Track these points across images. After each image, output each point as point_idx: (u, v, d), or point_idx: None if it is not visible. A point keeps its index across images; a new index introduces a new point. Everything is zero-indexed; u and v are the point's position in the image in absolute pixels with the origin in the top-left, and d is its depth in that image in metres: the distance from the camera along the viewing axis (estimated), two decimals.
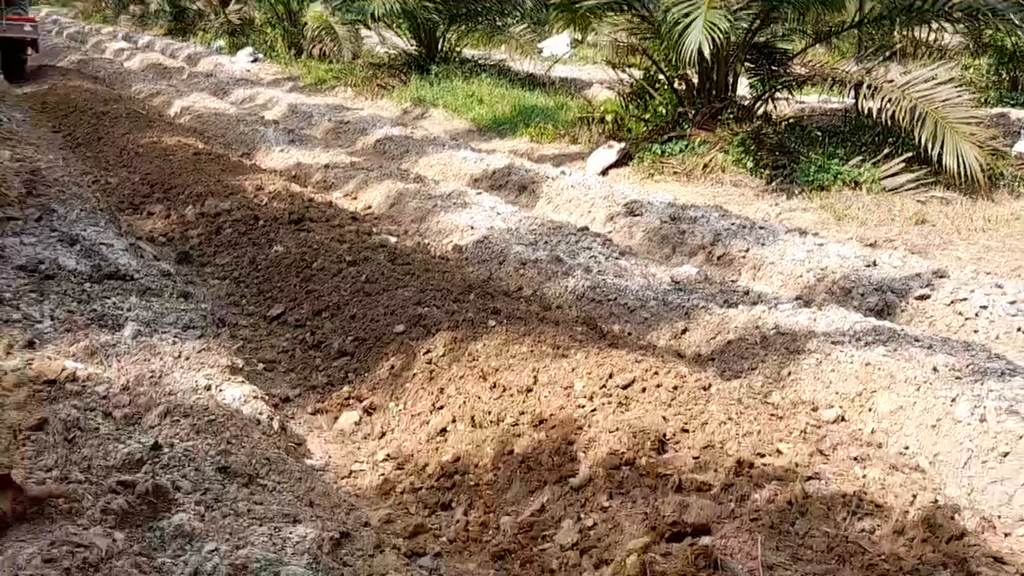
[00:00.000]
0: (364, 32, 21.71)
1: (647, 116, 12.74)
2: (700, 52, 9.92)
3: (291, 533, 3.29)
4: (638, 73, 13.72)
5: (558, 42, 23.73)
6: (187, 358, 4.91)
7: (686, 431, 3.84)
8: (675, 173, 11.11)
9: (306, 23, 21.90)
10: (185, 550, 3.21)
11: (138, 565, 3.05)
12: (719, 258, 7.53)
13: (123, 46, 28.71)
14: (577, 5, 13.41)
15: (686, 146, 11.58)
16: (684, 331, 5.71)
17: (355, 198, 9.88)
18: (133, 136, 12.21)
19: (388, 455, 4.45)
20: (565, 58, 22.50)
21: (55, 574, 2.96)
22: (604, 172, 11.48)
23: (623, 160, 11.70)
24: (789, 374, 5.03)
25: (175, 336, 5.20)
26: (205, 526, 3.35)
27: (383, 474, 4.32)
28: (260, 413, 4.48)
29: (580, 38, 22.14)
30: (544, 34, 23.49)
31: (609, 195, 9.11)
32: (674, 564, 3.08)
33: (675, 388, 4.14)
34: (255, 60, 24.00)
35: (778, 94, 12.27)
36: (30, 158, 10.03)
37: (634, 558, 3.13)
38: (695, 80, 12.46)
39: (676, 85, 12.73)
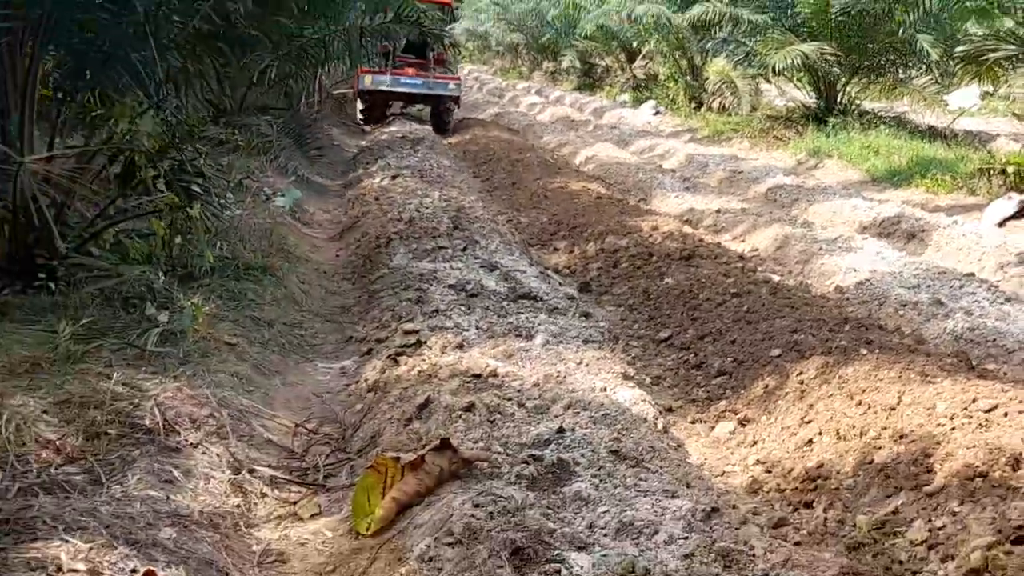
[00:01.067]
0: (764, 85, 22.20)
1: None
2: None
3: (669, 504, 3.88)
4: None
5: (967, 94, 23.03)
6: (587, 365, 5.68)
7: None
8: None
9: (707, 77, 22.73)
10: (582, 510, 3.89)
11: (545, 515, 3.76)
12: None
13: (535, 100, 30.92)
14: (984, 58, 13.25)
15: None
16: None
17: (743, 241, 10.40)
18: (542, 181, 13.43)
19: (758, 460, 4.96)
20: (973, 111, 21.81)
21: (482, 515, 3.73)
22: (1001, 224, 11.25)
23: (1022, 212, 11.39)
24: None
25: (577, 347, 6.00)
26: (599, 493, 4.02)
27: (752, 476, 4.83)
28: (646, 413, 5.13)
29: (991, 91, 21.37)
30: (952, 86, 22.89)
31: (1001, 245, 9.05)
32: (1015, 561, 3.38)
33: None
34: (656, 113, 25.11)
35: None
36: (455, 199, 11.41)
37: (978, 554, 3.47)
38: None
39: None
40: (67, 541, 3.16)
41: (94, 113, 6.70)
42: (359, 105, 20.81)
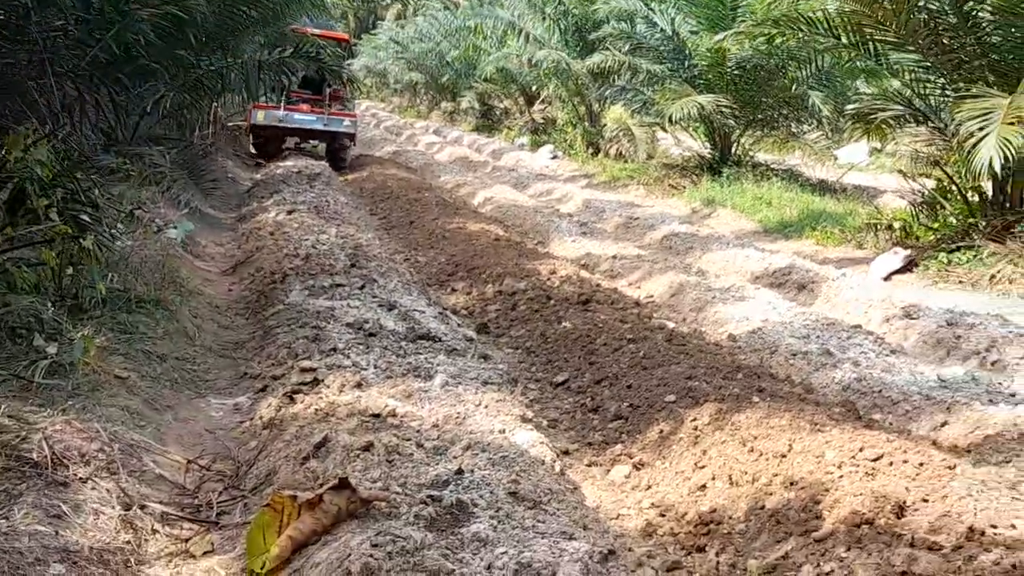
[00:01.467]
0: (660, 134, 22.66)
1: (936, 225, 12.81)
2: (991, 166, 10.03)
3: (567, 546, 3.89)
4: (931, 183, 13.81)
5: (856, 150, 23.85)
6: (486, 406, 5.68)
7: (926, 501, 4.19)
8: (960, 282, 11.14)
9: (605, 124, 23.12)
10: (480, 551, 3.88)
11: (444, 556, 3.75)
12: (993, 364, 7.62)
13: (434, 139, 31.05)
14: (872, 116, 13.76)
15: (974, 256, 11.58)
16: (943, 424, 5.96)
17: (638, 287, 10.55)
18: (441, 221, 13.47)
19: (653, 503, 5.01)
20: (862, 166, 22.57)
21: (380, 555, 3.70)
22: (887, 278, 11.65)
23: (907, 267, 11.82)
24: None
25: (476, 388, 6.01)
26: (497, 535, 4.02)
27: (647, 519, 4.88)
28: (544, 456, 5.15)
29: (879, 147, 22.17)
30: (842, 142, 23.69)
31: (887, 298, 9.34)
32: None
33: (921, 464, 4.49)
34: (555, 157, 25.43)
35: None
36: (352, 236, 11.36)
37: None
38: (988, 192, 12.46)
39: (969, 196, 12.76)
40: None
41: None
42: (252, 140, 20.76)
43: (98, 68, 7.33)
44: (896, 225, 13.29)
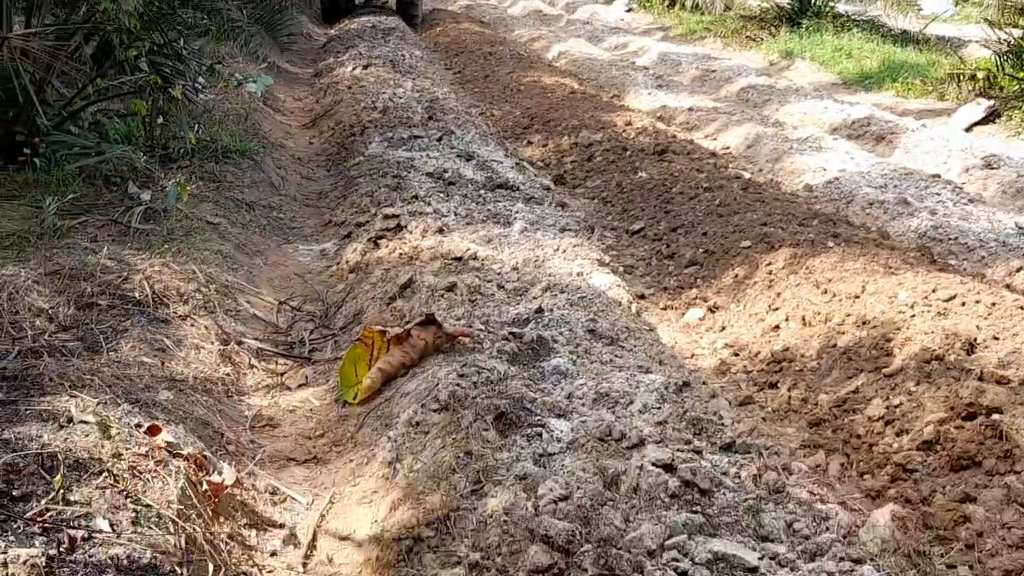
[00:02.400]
0: None
1: (1021, 75, 12.45)
2: None
3: (643, 378, 4.08)
4: (1018, 32, 13.37)
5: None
6: (563, 251, 5.83)
7: (996, 339, 4.28)
8: None
9: None
10: (561, 382, 4.08)
11: (527, 386, 3.95)
12: None
13: None
14: None
15: None
16: (1019, 269, 5.99)
17: (715, 139, 10.51)
18: (516, 75, 13.41)
19: (726, 344, 5.17)
20: (946, 16, 21.83)
21: (466, 384, 3.91)
22: (969, 129, 11.42)
23: (990, 118, 11.56)
24: None
25: (554, 235, 6.15)
26: (576, 368, 4.21)
27: (721, 359, 5.04)
28: (621, 298, 5.31)
29: None
30: None
31: (968, 148, 9.22)
32: (964, 435, 3.62)
33: (993, 304, 4.56)
34: (630, 10, 24.92)
35: None
36: (428, 90, 11.40)
37: (931, 427, 3.71)
38: None
39: None
40: (75, 396, 3.31)
41: None
42: (321, 4, 20.26)
43: None
44: (979, 75, 12.92)
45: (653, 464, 3.26)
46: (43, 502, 2.77)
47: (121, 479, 2.99)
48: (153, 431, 3.25)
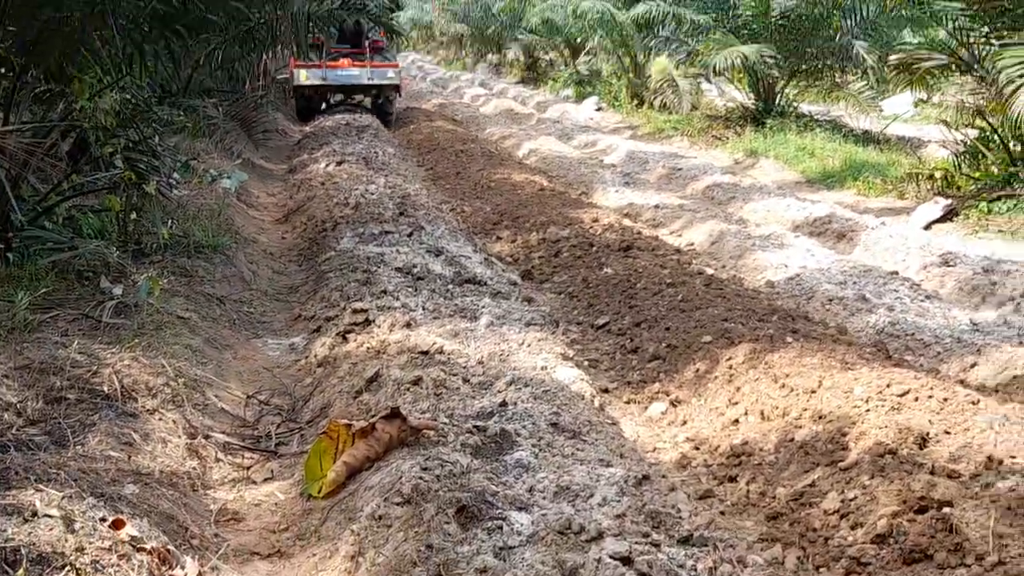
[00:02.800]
0: (704, 85, 22.62)
1: (977, 175, 12.82)
2: None
3: (604, 472, 4.15)
4: (974, 133, 13.79)
5: (901, 101, 23.64)
6: (528, 345, 5.94)
7: (948, 433, 4.41)
8: (1000, 231, 11.18)
9: (650, 75, 23.08)
10: (523, 475, 4.15)
11: (489, 479, 4.01)
12: None
13: (479, 92, 31.13)
14: (916, 66, 13.75)
15: (1015, 205, 11.61)
16: (973, 365, 6.13)
17: (679, 235, 10.72)
18: (486, 172, 13.68)
19: (688, 438, 5.27)
20: (907, 117, 22.40)
21: (429, 477, 3.98)
22: (927, 227, 11.70)
23: (948, 216, 11.86)
24: None
25: (519, 329, 6.26)
26: (538, 461, 4.28)
27: (682, 452, 5.13)
28: (584, 392, 5.41)
29: (925, 98, 22.00)
30: (887, 92, 23.48)
31: (926, 246, 9.45)
32: (916, 528, 3.71)
33: (945, 400, 4.69)
34: (599, 109, 25.44)
35: None
36: (400, 186, 11.61)
37: (884, 521, 3.80)
38: None
39: (1011, 145, 12.76)
40: (40, 490, 3.35)
41: (51, 89, 6.82)
42: (295, 104, 20.30)
43: (157, 20, 7.58)
44: (938, 175, 13.30)
45: (611, 557, 3.32)
46: None
47: (84, 573, 3.03)
48: (117, 525, 3.29)
